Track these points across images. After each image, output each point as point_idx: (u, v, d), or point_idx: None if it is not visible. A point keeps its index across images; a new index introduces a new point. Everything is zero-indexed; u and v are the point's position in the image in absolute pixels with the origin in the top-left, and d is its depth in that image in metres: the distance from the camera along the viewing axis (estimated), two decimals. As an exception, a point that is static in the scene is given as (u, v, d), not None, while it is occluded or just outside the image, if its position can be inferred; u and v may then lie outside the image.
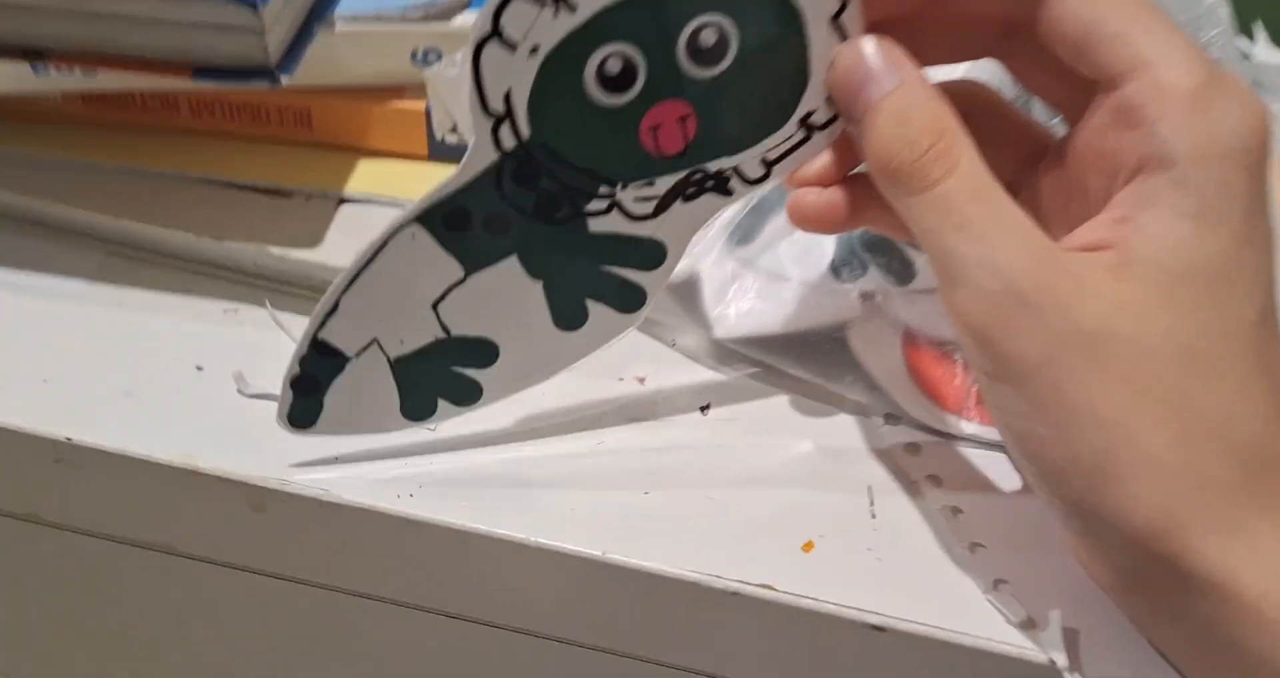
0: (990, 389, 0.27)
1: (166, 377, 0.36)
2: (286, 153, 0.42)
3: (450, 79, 0.37)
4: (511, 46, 0.27)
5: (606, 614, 0.34)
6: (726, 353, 0.37)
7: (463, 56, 0.37)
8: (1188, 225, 0.26)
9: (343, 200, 0.41)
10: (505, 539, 0.32)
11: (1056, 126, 0.33)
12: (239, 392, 0.35)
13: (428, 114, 0.41)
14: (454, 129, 0.40)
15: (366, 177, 0.41)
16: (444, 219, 0.29)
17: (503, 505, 0.32)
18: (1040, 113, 0.35)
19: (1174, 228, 0.26)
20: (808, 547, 0.32)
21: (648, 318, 0.36)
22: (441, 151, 0.42)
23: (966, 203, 0.26)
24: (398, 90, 0.42)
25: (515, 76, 0.27)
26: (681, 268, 0.36)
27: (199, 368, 0.36)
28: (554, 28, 0.26)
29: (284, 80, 0.35)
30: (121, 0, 0.34)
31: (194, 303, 0.38)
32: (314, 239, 0.39)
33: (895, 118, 0.27)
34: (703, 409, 0.36)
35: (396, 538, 0.33)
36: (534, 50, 0.27)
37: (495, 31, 0.26)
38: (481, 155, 0.28)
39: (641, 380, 0.37)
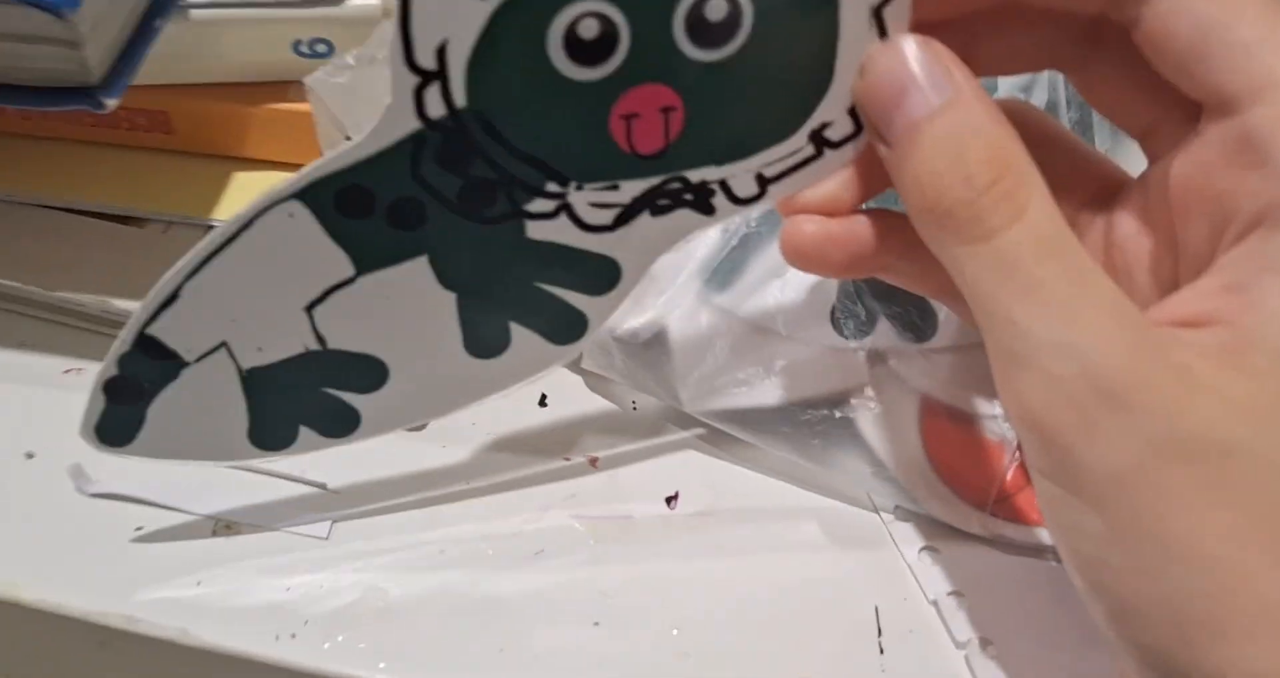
0: (1052, 499, 0.23)
1: (-14, 468, 0.31)
2: (141, 165, 0.36)
3: (340, 86, 0.29)
4: None
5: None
6: (699, 424, 0.32)
7: (355, 58, 0.29)
8: None
9: (211, 229, 0.34)
10: (412, 697, 0.27)
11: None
12: (78, 490, 0.30)
13: (318, 115, 0.35)
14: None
15: (244, 196, 0.35)
16: (336, 199, 0.25)
17: (409, 649, 0.27)
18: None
19: None
20: (801, 699, 0.28)
21: (602, 375, 0.32)
22: (339, 161, 0.35)
23: (1037, 260, 0.22)
24: (279, 88, 0.36)
25: (457, 24, 0.22)
26: (645, 321, 0.31)
27: (29, 456, 0.31)
28: None
29: (110, 103, 0.28)
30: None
31: (24, 361, 0.33)
32: (169, 285, 0.32)
33: (947, 144, 0.23)
34: (669, 501, 0.31)
35: (275, 687, 0.28)
36: (488, -8, 0.22)
37: None
38: (396, 122, 0.24)
39: (594, 462, 0.32)
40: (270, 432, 0.28)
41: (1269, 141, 0.22)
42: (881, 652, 0.28)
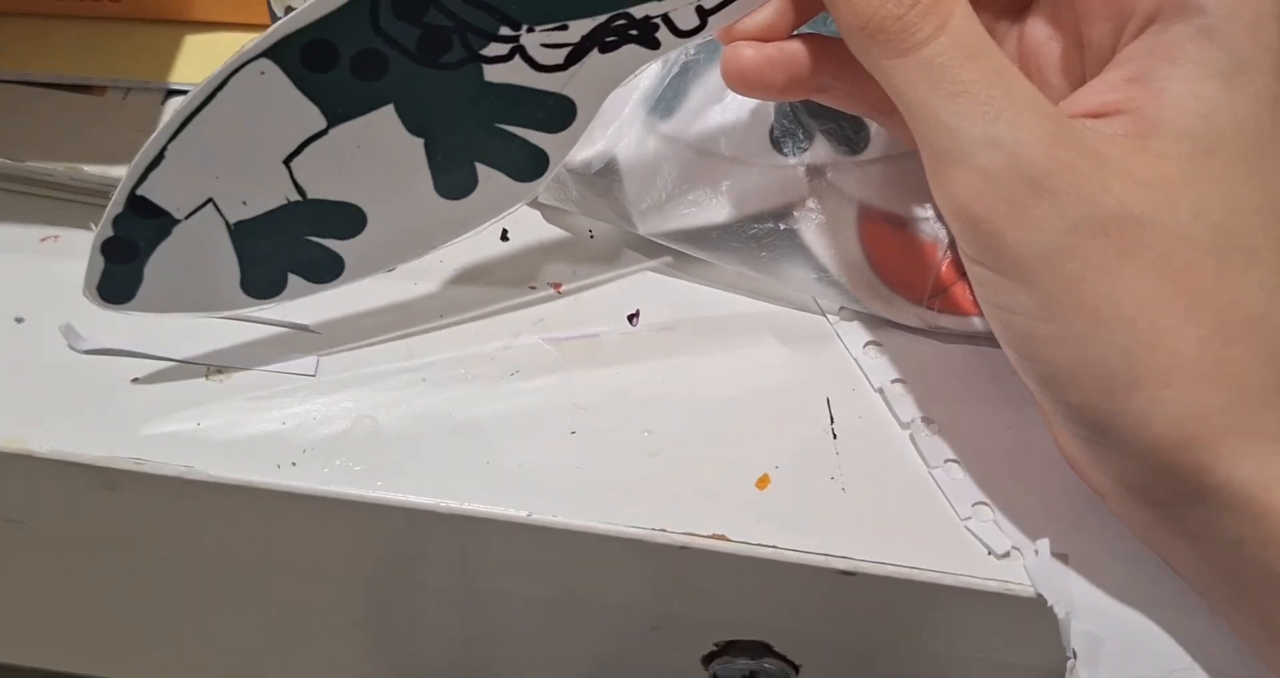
0: (985, 282, 0.25)
1: (-21, 334, 0.31)
2: (92, 34, 0.35)
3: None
4: None
5: (545, 576, 0.31)
6: (654, 246, 0.33)
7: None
8: (1215, 86, 0.23)
9: (171, 93, 0.35)
10: (410, 508, 0.28)
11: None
12: (71, 348, 0.30)
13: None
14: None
15: (198, 58, 0.35)
16: (302, 54, 0.25)
17: (403, 465, 0.29)
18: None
19: (1200, 90, 0.23)
20: (762, 483, 0.29)
21: (559, 207, 0.33)
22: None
23: (962, 66, 0.24)
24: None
25: None
26: (596, 152, 0.32)
27: (19, 320, 0.31)
28: None
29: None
30: None
31: (3, 231, 0.33)
32: (139, 149, 0.32)
33: None
34: (631, 319, 0.32)
35: (281, 513, 0.30)
36: None
37: None
38: None
39: (558, 288, 0.33)
40: (261, 280, 0.29)
41: None
42: (835, 437, 0.30)
